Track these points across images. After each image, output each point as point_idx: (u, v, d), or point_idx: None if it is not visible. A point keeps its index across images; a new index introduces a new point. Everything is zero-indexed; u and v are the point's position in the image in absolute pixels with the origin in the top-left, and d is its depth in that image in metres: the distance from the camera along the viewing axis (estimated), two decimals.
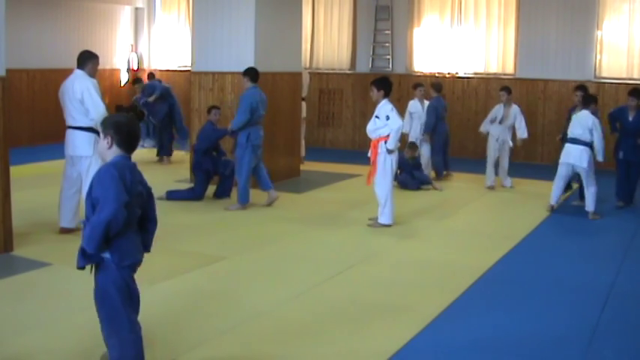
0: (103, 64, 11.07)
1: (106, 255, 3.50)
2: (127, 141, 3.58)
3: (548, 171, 9.80)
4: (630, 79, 12.05)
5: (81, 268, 3.58)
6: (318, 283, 5.67)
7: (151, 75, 13.84)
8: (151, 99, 11.94)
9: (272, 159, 10.07)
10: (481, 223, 8.07)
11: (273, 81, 10.01)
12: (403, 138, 8.75)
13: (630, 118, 8.73)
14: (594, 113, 8.33)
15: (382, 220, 7.57)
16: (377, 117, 7.49)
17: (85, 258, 3.51)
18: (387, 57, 14.09)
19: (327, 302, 5.26)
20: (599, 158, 8.25)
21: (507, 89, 9.95)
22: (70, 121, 6.80)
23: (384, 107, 7.47)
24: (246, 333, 4.61)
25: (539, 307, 5.28)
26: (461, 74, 13.51)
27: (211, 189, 8.94)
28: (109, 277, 3.52)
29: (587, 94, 8.80)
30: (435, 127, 10.29)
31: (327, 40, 14.78)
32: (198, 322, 4.75)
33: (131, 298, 3.61)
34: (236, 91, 9.51)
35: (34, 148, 12.50)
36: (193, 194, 8.83)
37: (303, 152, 11.53)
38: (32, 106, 13.58)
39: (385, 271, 6.15)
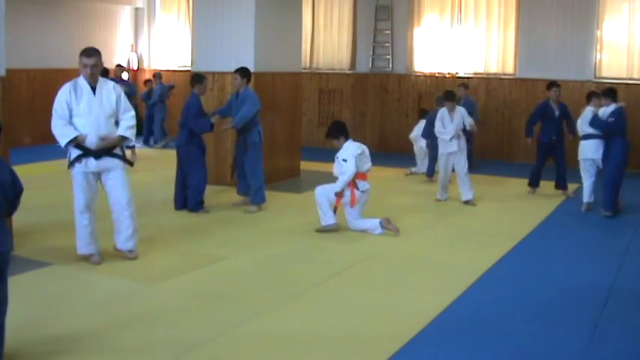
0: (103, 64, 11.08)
1: None
2: None
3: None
4: (630, 78, 12.05)
5: None
6: (318, 283, 5.68)
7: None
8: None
9: (272, 159, 10.08)
10: (481, 223, 8.06)
11: (273, 81, 10.02)
12: None
13: None
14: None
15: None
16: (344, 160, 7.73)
17: None
18: (387, 57, 14.10)
19: (326, 302, 5.26)
20: None
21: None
22: None
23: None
24: (246, 333, 4.61)
25: (539, 307, 5.28)
26: (461, 74, 13.51)
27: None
28: None
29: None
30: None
31: (327, 40, 14.79)
32: (198, 322, 4.75)
33: None
34: None
35: (34, 148, 12.49)
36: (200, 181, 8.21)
37: None
38: (32, 106, 13.58)
39: (385, 271, 6.15)
